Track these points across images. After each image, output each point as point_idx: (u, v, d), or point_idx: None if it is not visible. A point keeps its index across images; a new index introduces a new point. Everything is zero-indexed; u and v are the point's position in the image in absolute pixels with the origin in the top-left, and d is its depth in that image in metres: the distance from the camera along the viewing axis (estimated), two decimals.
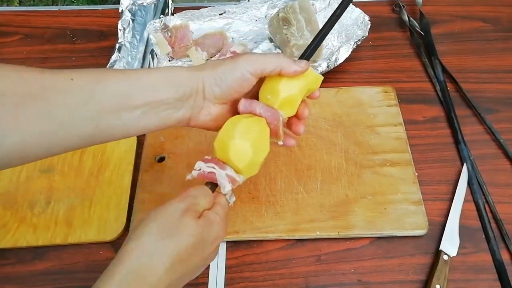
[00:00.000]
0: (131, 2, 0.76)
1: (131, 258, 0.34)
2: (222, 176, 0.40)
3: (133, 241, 0.35)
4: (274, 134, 0.43)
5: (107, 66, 0.68)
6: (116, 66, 0.68)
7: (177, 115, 0.41)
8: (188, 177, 0.41)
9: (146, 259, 0.34)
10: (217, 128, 0.43)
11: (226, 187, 0.40)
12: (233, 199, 0.42)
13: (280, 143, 0.44)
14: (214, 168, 0.40)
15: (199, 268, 0.39)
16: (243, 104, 0.43)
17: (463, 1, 0.81)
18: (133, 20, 0.75)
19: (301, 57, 0.44)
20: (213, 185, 0.41)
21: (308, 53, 0.44)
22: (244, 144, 0.40)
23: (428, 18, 0.75)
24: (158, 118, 0.40)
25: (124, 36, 0.72)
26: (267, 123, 0.42)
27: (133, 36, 0.73)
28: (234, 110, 0.44)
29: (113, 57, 0.69)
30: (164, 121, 0.41)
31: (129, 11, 0.76)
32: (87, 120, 0.37)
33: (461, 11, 0.79)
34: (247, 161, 0.40)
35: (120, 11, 0.75)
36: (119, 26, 0.72)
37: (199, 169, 0.41)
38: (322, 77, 0.45)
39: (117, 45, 0.71)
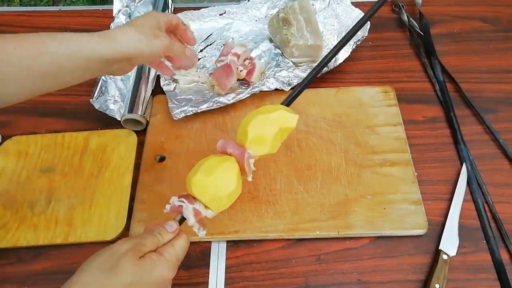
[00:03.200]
0: (124, 4, 0.76)
1: None
2: (188, 209, 0.44)
3: (76, 275, 0.38)
4: (242, 170, 0.46)
5: None
6: None
7: (111, 68, 0.48)
8: (164, 210, 0.45)
9: None
10: None
11: (190, 219, 0.43)
12: (203, 232, 0.45)
13: (249, 179, 0.47)
14: (183, 202, 0.44)
15: None
16: (219, 144, 0.47)
17: (462, 1, 0.81)
18: None
19: (283, 103, 0.49)
20: (182, 218, 0.44)
21: (291, 98, 0.50)
22: (205, 180, 0.44)
23: (428, 18, 0.75)
24: (94, 73, 0.47)
25: None
26: (236, 161, 0.45)
27: None
28: None
29: None
30: (99, 73, 0.48)
31: (123, 14, 0.76)
32: (29, 82, 0.43)
33: (461, 11, 0.79)
34: (209, 196, 0.44)
35: (113, 15, 0.75)
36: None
37: (172, 203, 0.44)
38: (297, 116, 0.48)
39: None
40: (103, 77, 0.67)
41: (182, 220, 0.44)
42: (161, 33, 0.50)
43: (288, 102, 0.50)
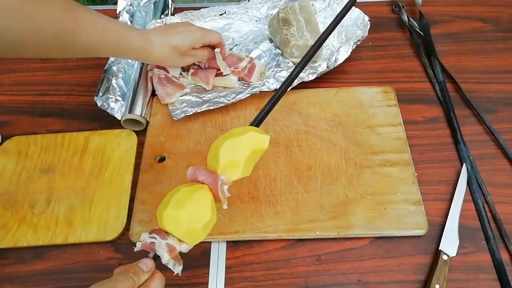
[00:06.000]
0: (128, 3, 0.77)
1: None
2: (161, 246, 0.41)
3: None
4: (216, 198, 0.44)
5: (105, 67, 0.69)
6: (114, 67, 0.68)
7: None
8: (135, 249, 0.43)
9: None
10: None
11: (164, 257, 0.41)
12: (179, 268, 0.43)
13: (224, 207, 0.46)
14: (155, 238, 0.41)
15: None
16: (189, 172, 0.45)
17: (462, 1, 0.81)
18: (131, 21, 0.75)
19: (252, 123, 0.50)
20: (157, 255, 0.42)
21: (260, 118, 0.50)
22: (176, 214, 0.42)
23: (428, 18, 0.75)
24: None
25: None
26: (209, 189, 0.44)
27: None
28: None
29: (111, 58, 0.69)
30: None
31: (127, 12, 0.76)
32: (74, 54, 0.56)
33: (461, 11, 0.79)
34: (183, 229, 0.42)
35: (117, 12, 0.75)
36: None
37: (143, 240, 0.42)
38: (269, 137, 0.47)
39: None
40: (107, 75, 0.67)
41: (157, 256, 0.42)
42: (189, 53, 0.62)
43: (257, 122, 0.49)
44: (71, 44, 0.50)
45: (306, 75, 0.66)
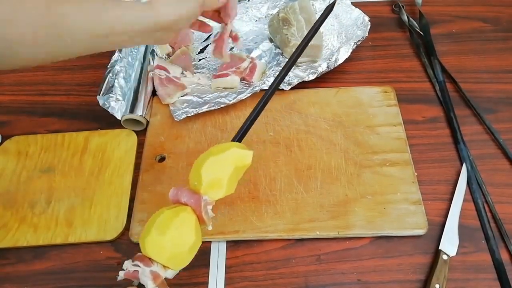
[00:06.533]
0: None
1: None
2: (145, 274, 0.40)
3: None
4: (200, 220, 0.43)
5: (108, 66, 0.69)
6: (116, 66, 0.68)
7: (153, 37, 0.48)
8: (118, 278, 0.41)
9: None
10: None
11: (148, 285, 0.40)
12: None
13: (209, 228, 0.45)
14: (139, 266, 0.40)
15: None
16: (171, 193, 0.44)
17: (462, 1, 0.81)
18: None
19: (234, 139, 0.48)
20: (141, 284, 0.40)
21: (242, 133, 0.49)
22: (159, 239, 0.40)
23: (428, 18, 0.75)
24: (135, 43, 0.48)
25: None
26: (192, 210, 0.42)
27: None
28: None
29: (114, 57, 0.70)
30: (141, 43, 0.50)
31: None
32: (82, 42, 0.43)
33: (461, 11, 0.79)
34: (167, 255, 0.41)
35: None
36: None
37: (126, 269, 0.41)
38: (251, 152, 0.46)
39: None
40: (110, 74, 0.67)
41: (141, 285, 0.40)
42: None
43: (239, 138, 0.48)
44: (61, 38, 0.41)
45: (307, 75, 0.66)
